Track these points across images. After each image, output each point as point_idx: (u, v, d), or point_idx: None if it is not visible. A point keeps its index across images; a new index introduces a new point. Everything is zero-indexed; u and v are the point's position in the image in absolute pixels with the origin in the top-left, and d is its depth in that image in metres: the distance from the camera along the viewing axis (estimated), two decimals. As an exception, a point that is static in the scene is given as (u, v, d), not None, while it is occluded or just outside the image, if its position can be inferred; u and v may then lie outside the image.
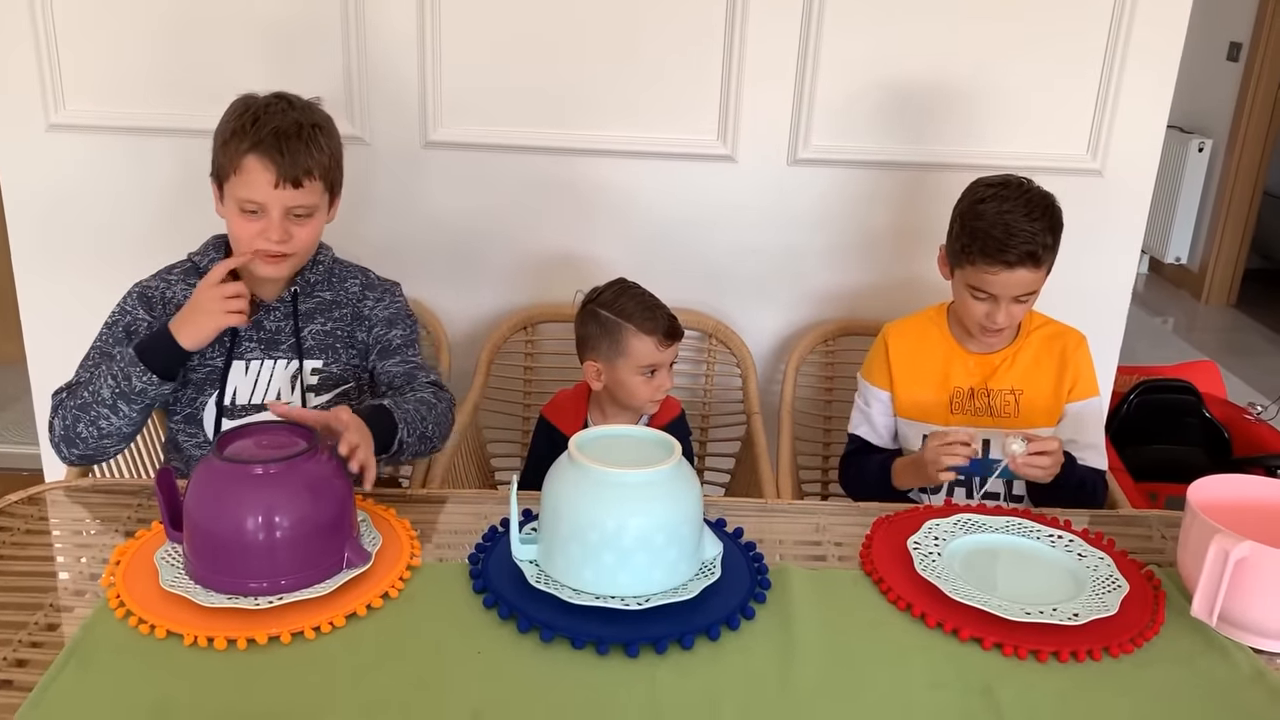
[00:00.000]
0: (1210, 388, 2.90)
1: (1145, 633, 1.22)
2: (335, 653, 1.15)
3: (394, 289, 1.74)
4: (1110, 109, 2.02)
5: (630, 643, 1.16)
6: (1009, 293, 1.65)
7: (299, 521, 1.22)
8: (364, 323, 1.68)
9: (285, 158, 1.50)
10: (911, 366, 1.80)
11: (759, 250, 2.12)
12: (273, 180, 1.50)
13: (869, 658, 1.18)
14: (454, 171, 2.06)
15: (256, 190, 1.51)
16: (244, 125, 1.50)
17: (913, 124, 2.04)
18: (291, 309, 1.63)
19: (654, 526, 1.21)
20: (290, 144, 1.51)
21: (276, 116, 1.51)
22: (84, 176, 2.05)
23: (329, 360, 1.65)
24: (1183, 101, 5.25)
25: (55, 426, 1.52)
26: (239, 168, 1.50)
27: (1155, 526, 1.50)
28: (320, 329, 1.65)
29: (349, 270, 1.71)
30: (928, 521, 1.42)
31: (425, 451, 1.60)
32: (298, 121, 1.53)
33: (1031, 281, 1.64)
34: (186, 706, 1.06)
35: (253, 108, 1.53)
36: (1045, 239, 1.62)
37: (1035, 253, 1.61)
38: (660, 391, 1.74)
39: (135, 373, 1.48)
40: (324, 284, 1.67)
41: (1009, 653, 1.18)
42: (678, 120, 2.04)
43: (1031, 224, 1.61)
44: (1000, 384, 1.76)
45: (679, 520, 1.23)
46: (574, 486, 1.23)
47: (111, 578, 1.25)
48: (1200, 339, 4.46)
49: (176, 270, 1.64)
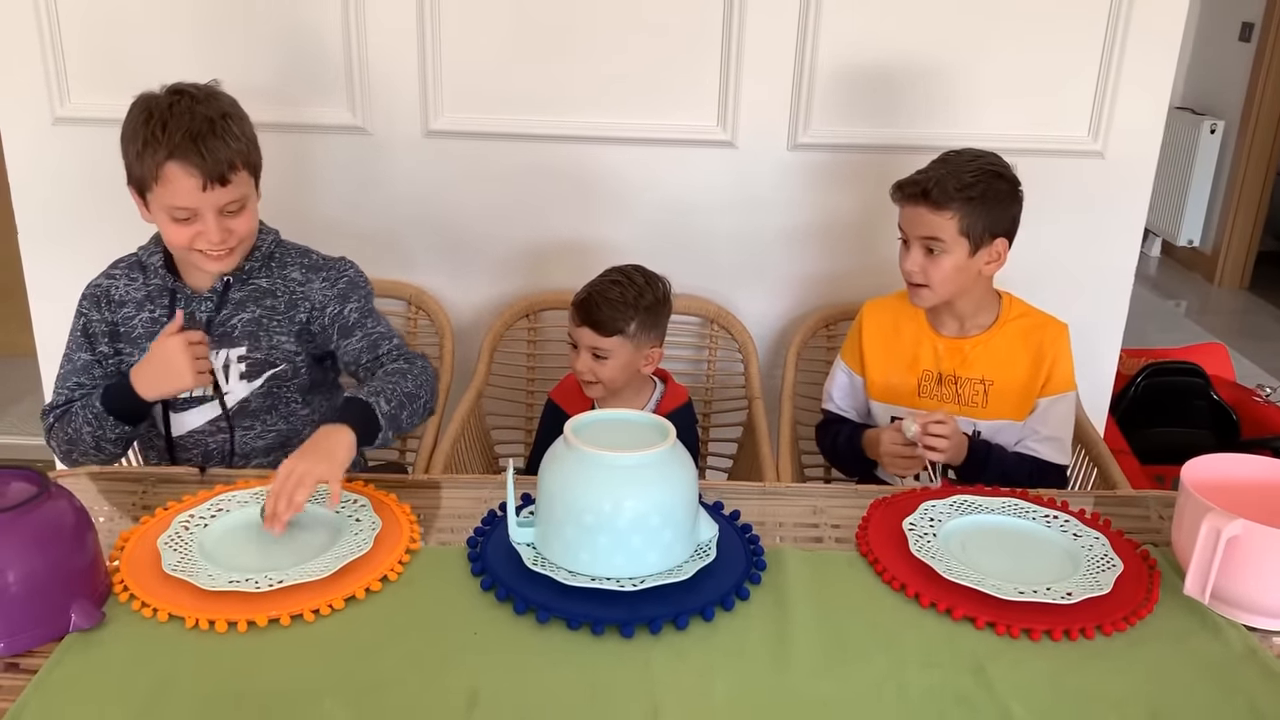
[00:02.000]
0: (1219, 370, 2.89)
1: (1139, 611, 1.23)
2: (333, 634, 1.16)
3: (340, 264, 1.69)
4: (1111, 90, 2.01)
5: (625, 624, 1.18)
6: (911, 230, 1.68)
7: (21, 579, 1.10)
8: (311, 307, 1.64)
9: (206, 159, 1.46)
10: (883, 346, 1.81)
11: (760, 235, 2.12)
12: (199, 184, 1.47)
13: (862, 637, 1.19)
14: (455, 160, 2.07)
15: (184, 197, 1.47)
16: (154, 133, 1.45)
17: (913, 107, 2.04)
18: (220, 299, 1.61)
19: (649, 509, 1.22)
20: (207, 143, 1.46)
21: (184, 117, 1.46)
22: (91, 169, 2.07)
23: (253, 346, 1.62)
24: (1194, 83, 5.24)
25: (53, 447, 1.60)
26: (160, 177, 1.46)
27: (1153, 507, 1.50)
28: (250, 316, 1.62)
29: (289, 254, 1.67)
30: (924, 503, 1.43)
31: (419, 412, 1.58)
32: (207, 117, 1.48)
33: (932, 224, 1.65)
34: (187, 686, 1.08)
35: (157, 112, 1.47)
36: (950, 183, 1.63)
37: (929, 190, 1.63)
38: (580, 373, 1.78)
39: (108, 424, 1.54)
40: (261, 270, 1.63)
41: (1001, 632, 1.19)
42: (678, 106, 2.04)
43: (945, 166, 1.66)
44: (970, 372, 1.75)
45: (674, 503, 1.24)
46: (569, 469, 1.25)
47: (115, 563, 1.27)
48: (1213, 322, 4.43)
49: (121, 265, 1.65)
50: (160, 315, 1.61)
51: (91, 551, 1.20)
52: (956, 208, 1.63)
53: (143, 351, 1.57)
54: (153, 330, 1.59)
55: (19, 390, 3.15)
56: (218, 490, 1.42)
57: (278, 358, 1.64)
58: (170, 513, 1.37)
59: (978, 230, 1.65)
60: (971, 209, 1.63)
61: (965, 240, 1.65)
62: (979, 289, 1.74)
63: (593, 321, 1.74)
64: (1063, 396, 1.74)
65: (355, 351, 1.65)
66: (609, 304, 1.74)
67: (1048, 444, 1.74)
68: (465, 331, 2.15)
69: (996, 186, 1.66)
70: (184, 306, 1.59)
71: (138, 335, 1.61)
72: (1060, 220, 2.09)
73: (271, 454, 1.68)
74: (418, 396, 1.57)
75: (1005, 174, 1.68)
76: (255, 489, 1.41)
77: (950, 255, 1.66)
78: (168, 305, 1.61)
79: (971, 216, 1.64)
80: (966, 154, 1.69)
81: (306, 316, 1.65)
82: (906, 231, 1.69)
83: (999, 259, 1.70)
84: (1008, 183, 1.68)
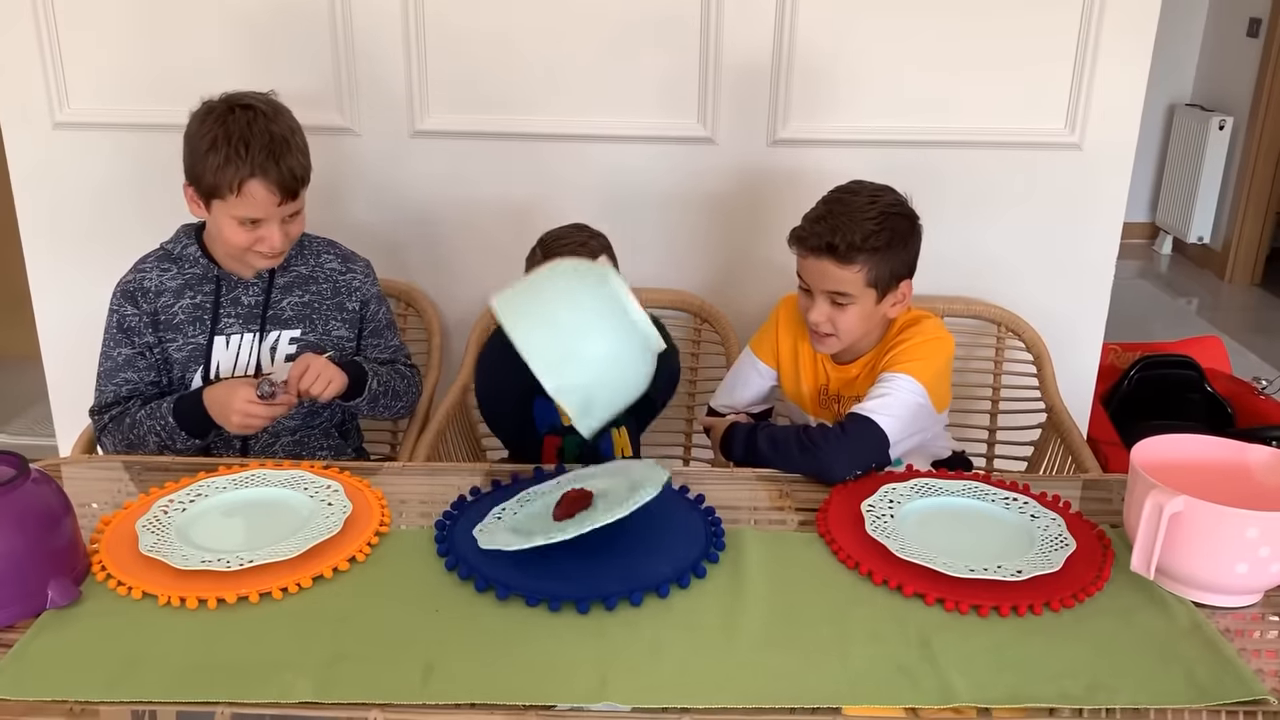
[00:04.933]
0: (1214, 363, 2.88)
1: (1088, 588, 1.24)
2: (299, 612, 1.21)
3: (368, 266, 1.83)
4: (1087, 81, 2.03)
5: (581, 600, 1.21)
6: (816, 284, 1.61)
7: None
8: (354, 294, 1.78)
9: (285, 177, 1.58)
10: (793, 346, 1.77)
11: (741, 230, 2.16)
12: (276, 200, 1.59)
13: (812, 613, 1.21)
14: (441, 159, 2.12)
15: (259, 209, 1.59)
16: (237, 151, 1.55)
17: (893, 102, 2.07)
18: (268, 284, 1.71)
19: None
20: (285, 161, 1.58)
21: (263, 136, 1.56)
22: (91, 173, 2.13)
23: (307, 330, 1.73)
24: (1203, 79, 5.22)
25: (105, 444, 1.69)
26: (240, 191, 1.56)
27: (1116, 490, 1.52)
28: (299, 300, 1.73)
29: (319, 245, 1.79)
30: (885, 485, 1.45)
31: (396, 409, 1.80)
32: (281, 135, 1.59)
33: (839, 279, 1.58)
34: (157, 660, 1.13)
35: (236, 129, 1.55)
36: (855, 235, 1.55)
37: (834, 245, 1.55)
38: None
39: (180, 437, 1.63)
40: (298, 258, 1.75)
41: (950, 608, 1.21)
42: (659, 104, 2.08)
43: (846, 216, 1.56)
44: (852, 391, 1.71)
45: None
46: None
47: (95, 544, 1.32)
48: (1224, 319, 4.41)
49: (150, 259, 1.72)
50: (204, 301, 1.69)
51: (69, 532, 1.25)
52: (863, 260, 1.57)
53: (186, 339, 1.68)
54: (196, 315, 1.68)
55: (33, 395, 3.23)
56: (199, 477, 1.47)
57: (329, 344, 1.74)
58: (151, 498, 1.42)
59: (884, 279, 1.60)
60: (878, 259, 1.58)
61: (873, 290, 1.60)
62: (878, 329, 1.69)
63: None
64: (892, 375, 1.61)
65: (375, 352, 1.80)
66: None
67: (867, 403, 1.59)
68: (453, 328, 2.20)
69: (899, 229, 1.59)
70: (230, 291, 1.69)
71: (180, 321, 1.69)
72: (1039, 213, 2.10)
73: (297, 434, 1.78)
74: (400, 397, 1.78)
75: (904, 211, 1.62)
76: (234, 475, 1.46)
77: (857, 305, 1.61)
78: (213, 291, 1.69)
79: (879, 267, 1.58)
80: (862, 194, 1.61)
81: (359, 306, 1.78)
82: (810, 284, 1.62)
83: (904, 299, 1.65)
84: (908, 220, 1.62)
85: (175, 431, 1.63)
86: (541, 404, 1.60)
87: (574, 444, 1.61)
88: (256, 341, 1.70)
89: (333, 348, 1.74)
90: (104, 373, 1.70)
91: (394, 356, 1.84)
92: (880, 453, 1.54)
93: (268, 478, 1.46)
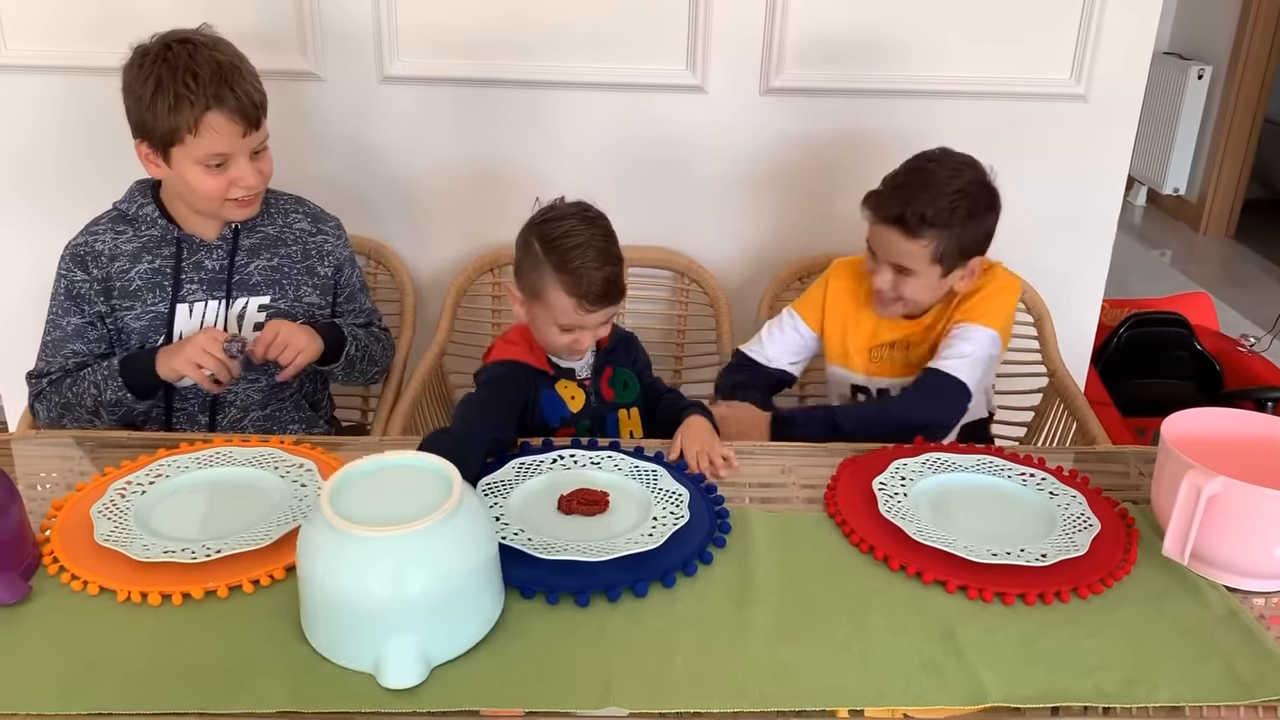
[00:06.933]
0: (1202, 320, 2.84)
1: (1115, 573, 1.18)
2: (274, 607, 1.11)
3: (335, 220, 1.72)
4: (1094, 30, 1.93)
5: (581, 591, 1.12)
6: (881, 253, 1.58)
7: None
8: (325, 258, 1.67)
9: (244, 103, 1.47)
10: (845, 311, 1.73)
11: (731, 185, 2.05)
12: (240, 130, 1.47)
13: (828, 602, 1.14)
14: (412, 107, 1.98)
15: (223, 144, 1.47)
16: (186, 85, 1.43)
17: (890, 50, 1.96)
18: (232, 246, 1.59)
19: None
20: (239, 86, 1.47)
21: (206, 63, 1.45)
22: (30, 121, 1.98)
23: (277, 296, 1.61)
24: (1182, 27, 5.14)
25: (39, 413, 1.56)
26: (199, 128, 1.45)
27: (1133, 463, 1.45)
28: (267, 264, 1.61)
29: (285, 202, 1.67)
30: (895, 461, 1.38)
31: (370, 374, 1.74)
32: (229, 62, 1.48)
33: (904, 252, 1.55)
34: (116, 664, 1.03)
35: (180, 64, 1.44)
36: (927, 211, 1.51)
37: (904, 217, 1.52)
38: (578, 354, 1.49)
39: (113, 385, 1.50)
40: (264, 218, 1.62)
41: (973, 596, 1.14)
42: (646, 49, 1.95)
43: (923, 188, 1.53)
44: (924, 339, 1.68)
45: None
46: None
47: (46, 533, 1.21)
48: (1198, 271, 4.38)
49: (103, 221, 1.59)
50: (164, 266, 1.56)
51: (16, 521, 1.14)
52: (931, 235, 1.53)
53: (145, 307, 1.55)
54: (155, 282, 1.56)
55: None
56: (159, 455, 1.36)
57: (300, 311, 1.63)
58: (107, 479, 1.31)
59: (951, 255, 1.56)
60: (947, 235, 1.54)
61: (938, 266, 1.57)
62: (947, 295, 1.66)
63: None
64: (975, 327, 1.61)
65: (350, 318, 1.71)
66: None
67: (945, 361, 1.58)
68: (426, 288, 2.08)
69: (975, 208, 1.55)
70: (192, 255, 1.57)
71: (137, 288, 1.56)
72: (1042, 165, 2.02)
73: (268, 407, 1.66)
74: (376, 362, 1.74)
75: (985, 191, 1.58)
76: (197, 453, 1.35)
77: (921, 278, 1.58)
78: (173, 255, 1.56)
79: (946, 243, 1.55)
80: (945, 165, 1.57)
81: (331, 271, 1.67)
82: (876, 251, 1.60)
83: (973, 274, 1.62)
84: (987, 198, 1.58)
85: (113, 377, 1.49)
86: (549, 396, 1.49)
87: (585, 429, 1.51)
88: (223, 309, 1.58)
89: (304, 315, 1.63)
90: (51, 342, 1.56)
91: (368, 320, 1.74)
92: (964, 406, 1.55)
93: (234, 456, 1.35)
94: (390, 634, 1.00)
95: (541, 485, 1.31)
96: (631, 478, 1.32)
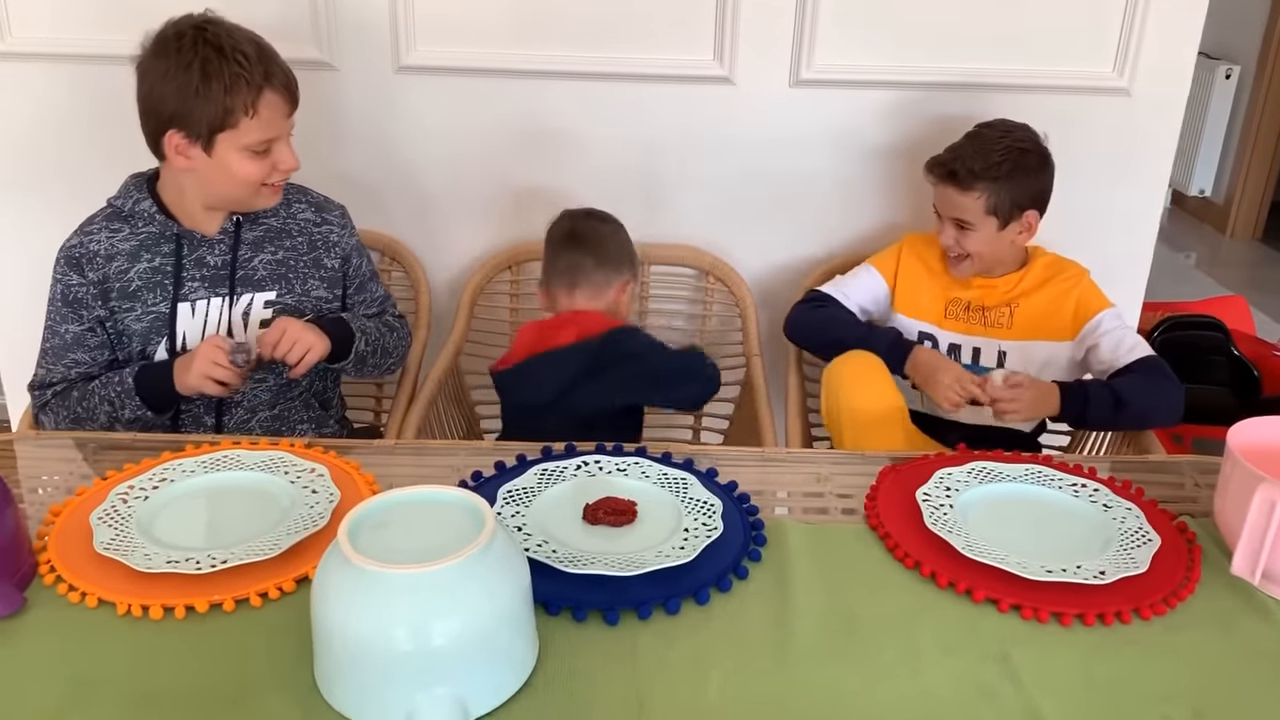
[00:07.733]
0: (1239, 324, 2.76)
1: (1179, 592, 1.11)
2: (283, 621, 1.04)
3: (341, 208, 1.66)
4: (1139, 22, 1.87)
5: (609, 608, 1.05)
6: (943, 209, 1.74)
7: None
8: (332, 249, 1.61)
9: (290, 80, 1.44)
10: (916, 274, 1.82)
11: (759, 180, 1.99)
12: (287, 110, 1.44)
13: (873, 622, 1.07)
14: (429, 98, 1.93)
15: (274, 126, 1.43)
16: (240, 64, 1.38)
17: (926, 41, 1.89)
18: (234, 241, 1.52)
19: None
20: (280, 65, 1.43)
21: (248, 44, 1.40)
22: (34, 110, 1.92)
23: (283, 291, 1.55)
24: (1210, 27, 4.97)
25: (45, 424, 1.50)
26: (256, 110, 1.40)
27: (1188, 473, 1.38)
28: (271, 258, 1.55)
29: (288, 192, 1.59)
30: (939, 470, 1.30)
31: (386, 365, 1.66)
32: (252, 40, 1.43)
33: (959, 205, 1.69)
34: (114, 681, 0.96)
35: (225, 46, 1.38)
36: (976, 164, 1.66)
37: (955, 171, 1.67)
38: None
39: (131, 405, 1.45)
40: (266, 208, 1.55)
41: (1028, 616, 1.07)
42: (671, 40, 1.89)
43: (972, 144, 1.68)
44: (996, 300, 1.78)
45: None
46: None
47: (43, 540, 1.14)
48: (1225, 274, 4.30)
49: (98, 219, 1.52)
50: (164, 264, 1.50)
51: (11, 529, 1.07)
52: (982, 188, 1.67)
53: (145, 308, 1.49)
54: (155, 281, 1.49)
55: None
56: (163, 458, 1.29)
57: (308, 306, 1.57)
58: (108, 483, 1.24)
59: (1005, 208, 1.68)
60: (997, 188, 1.67)
61: (993, 218, 1.69)
62: (1013, 254, 1.77)
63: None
64: (1105, 313, 1.72)
65: (362, 308, 1.65)
66: None
67: (1126, 353, 1.67)
68: (442, 285, 2.02)
69: (1024, 163, 1.67)
70: (193, 251, 1.50)
71: (136, 289, 1.50)
72: (1084, 161, 1.95)
73: (276, 407, 1.60)
74: (391, 353, 1.64)
75: (1034, 148, 1.69)
76: (203, 456, 1.29)
77: (979, 232, 1.70)
78: (173, 252, 1.50)
79: (998, 195, 1.67)
80: (996, 128, 1.71)
81: (339, 263, 1.60)
82: (939, 209, 1.75)
83: (1030, 229, 1.72)
84: (1037, 156, 1.69)
85: (129, 396, 1.45)
86: None
87: None
88: (226, 306, 1.52)
89: (312, 310, 1.56)
90: (51, 350, 1.50)
91: (381, 308, 1.68)
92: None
93: (242, 459, 1.28)
94: (421, 686, 0.91)
95: (565, 493, 1.24)
96: (660, 486, 1.26)
